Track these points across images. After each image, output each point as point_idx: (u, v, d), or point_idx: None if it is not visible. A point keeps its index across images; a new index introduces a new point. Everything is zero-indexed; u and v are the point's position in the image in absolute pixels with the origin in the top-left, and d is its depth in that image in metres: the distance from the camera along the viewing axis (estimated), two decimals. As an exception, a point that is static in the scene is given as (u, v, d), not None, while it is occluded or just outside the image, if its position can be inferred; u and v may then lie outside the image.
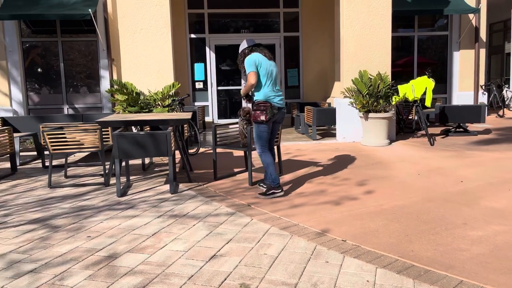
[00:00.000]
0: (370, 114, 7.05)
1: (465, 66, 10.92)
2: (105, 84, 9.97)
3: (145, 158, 6.25)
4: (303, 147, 7.21)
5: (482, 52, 10.81)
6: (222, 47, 10.63)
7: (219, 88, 10.71)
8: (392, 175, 5.01)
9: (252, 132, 4.59)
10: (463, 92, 10.97)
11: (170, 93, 7.02)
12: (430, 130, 8.73)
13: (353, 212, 3.67)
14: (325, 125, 8.22)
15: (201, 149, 7.27)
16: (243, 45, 4.28)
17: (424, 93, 7.25)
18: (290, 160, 6.07)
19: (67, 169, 5.60)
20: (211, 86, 10.64)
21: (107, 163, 6.10)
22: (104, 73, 9.97)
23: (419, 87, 7.15)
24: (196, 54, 10.59)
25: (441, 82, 11.09)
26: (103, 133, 5.38)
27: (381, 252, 2.80)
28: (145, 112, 6.70)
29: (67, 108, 10.18)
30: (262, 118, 4.06)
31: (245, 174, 5.28)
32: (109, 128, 5.36)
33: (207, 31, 10.50)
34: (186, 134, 6.21)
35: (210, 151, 7.07)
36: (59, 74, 10.10)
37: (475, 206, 3.74)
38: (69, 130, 4.86)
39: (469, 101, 10.91)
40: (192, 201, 4.15)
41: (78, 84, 10.24)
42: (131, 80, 7.27)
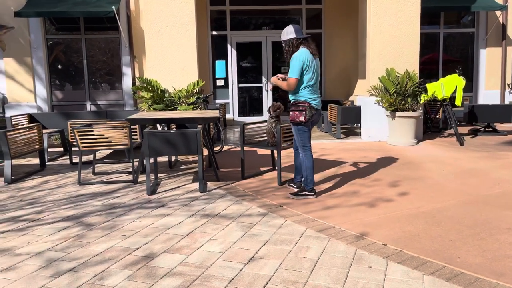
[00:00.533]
0: (398, 113, 6.90)
1: (492, 64, 10.63)
2: (127, 81, 10.02)
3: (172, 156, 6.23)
4: (328, 146, 7.11)
5: (510, 50, 10.50)
6: (244, 44, 10.56)
7: (240, 86, 10.65)
8: (425, 176, 4.88)
9: (282, 131, 4.52)
10: (490, 91, 10.69)
11: (195, 91, 7.00)
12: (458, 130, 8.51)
13: (390, 215, 3.58)
14: (349, 124, 8.10)
15: (224, 147, 7.23)
16: (290, 32, 3.99)
17: (454, 92, 7.07)
18: (317, 160, 5.98)
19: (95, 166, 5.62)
20: (232, 84, 10.60)
21: (135, 160, 6.11)
22: (126, 70, 10.01)
23: (449, 86, 6.97)
24: (217, 51, 10.56)
25: (467, 81, 10.81)
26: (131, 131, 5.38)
27: (426, 258, 2.70)
28: (170, 110, 6.69)
29: (90, 105, 10.27)
30: (301, 119, 3.94)
31: (272, 173, 5.21)
32: (137, 126, 5.35)
33: (229, 28, 10.45)
34: (212, 132, 6.18)
35: (233, 149, 7.03)
36: (82, 71, 10.19)
37: (517, 210, 3.61)
38: (98, 127, 4.87)
39: (496, 100, 10.63)
40: (222, 201, 4.11)
41: (101, 81, 10.31)
42: (156, 78, 7.27)
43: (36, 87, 9.91)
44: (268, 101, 10.69)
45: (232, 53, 10.50)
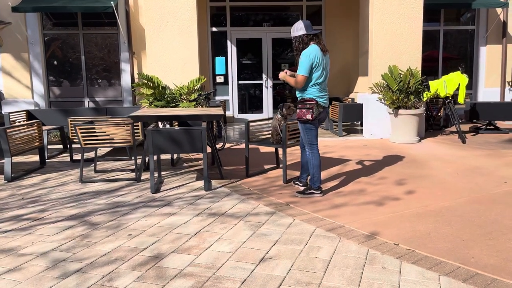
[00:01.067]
0: (400, 111, 6.87)
1: (492, 62, 10.62)
2: (126, 78, 9.91)
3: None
4: (331, 144, 7.06)
5: (510, 48, 10.49)
6: (244, 41, 10.48)
7: (240, 83, 10.58)
8: (430, 174, 4.85)
9: (288, 128, 4.47)
10: (489, 89, 10.68)
11: (196, 88, 6.92)
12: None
13: (399, 214, 3.54)
14: (350, 121, 8.06)
15: (226, 145, 7.17)
16: (300, 28, 3.86)
17: (457, 89, 7.04)
18: (321, 158, 5.93)
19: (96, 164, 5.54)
20: (232, 81, 10.52)
21: (138, 158, 6.03)
22: (125, 67, 9.91)
23: (452, 83, 6.94)
24: (217, 48, 10.47)
25: (467, 78, 10.81)
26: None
27: (440, 258, 2.66)
28: (172, 107, 6.61)
29: (88, 101, 10.16)
30: (308, 117, 3.88)
31: (277, 171, 5.16)
32: (140, 123, 5.28)
33: (229, 24, 10.36)
34: (214, 130, 6.11)
35: (235, 147, 6.97)
36: (80, 67, 10.07)
37: (526, 209, 3.59)
38: (100, 124, 4.79)
39: (495, 98, 10.63)
40: (228, 199, 4.06)
41: (99, 77, 10.20)
42: (156, 74, 7.19)
43: (33, 83, 9.78)
44: (268, 98, 10.62)
45: (232, 50, 10.42)
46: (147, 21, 7.14)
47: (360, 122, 8.84)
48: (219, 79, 10.55)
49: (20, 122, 6.86)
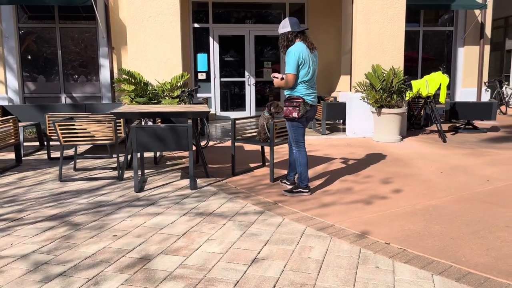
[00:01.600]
0: (383, 110, 6.92)
1: (469, 63, 10.87)
2: (105, 73, 9.66)
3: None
4: (314, 142, 7.06)
5: (487, 49, 10.76)
6: (226, 38, 10.38)
7: (222, 80, 10.47)
8: (415, 173, 4.89)
9: (275, 127, 4.41)
10: (466, 89, 10.93)
11: (179, 84, 6.79)
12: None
13: (387, 212, 3.54)
14: (333, 120, 8.08)
15: (210, 143, 7.07)
16: (285, 26, 3.82)
17: (438, 89, 7.15)
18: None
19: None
20: (214, 78, 10.40)
21: (120, 156, 5.87)
22: (104, 62, 9.65)
23: (434, 83, 7.04)
24: (199, 44, 10.33)
25: (445, 78, 11.02)
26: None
27: (432, 257, 2.67)
28: (154, 103, 6.46)
29: (65, 97, 9.85)
30: (294, 115, 3.83)
31: (263, 170, 5.11)
32: (121, 120, 5.13)
33: (211, 21, 10.23)
34: (199, 127, 6.00)
35: (218, 145, 6.88)
36: (57, 62, 9.75)
37: None
38: (81, 121, 4.62)
39: (472, 98, 10.89)
40: (215, 198, 3.97)
41: (76, 73, 9.90)
42: (138, 70, 7.01)
43: (7, 78, 9.42)
44: (251, 96, 10.55)
45: (215, 46, 10.30)
46: (129, 15, 6.96)
47: (343, 121, 8.88)
48: (201, 76, 10.42)
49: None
